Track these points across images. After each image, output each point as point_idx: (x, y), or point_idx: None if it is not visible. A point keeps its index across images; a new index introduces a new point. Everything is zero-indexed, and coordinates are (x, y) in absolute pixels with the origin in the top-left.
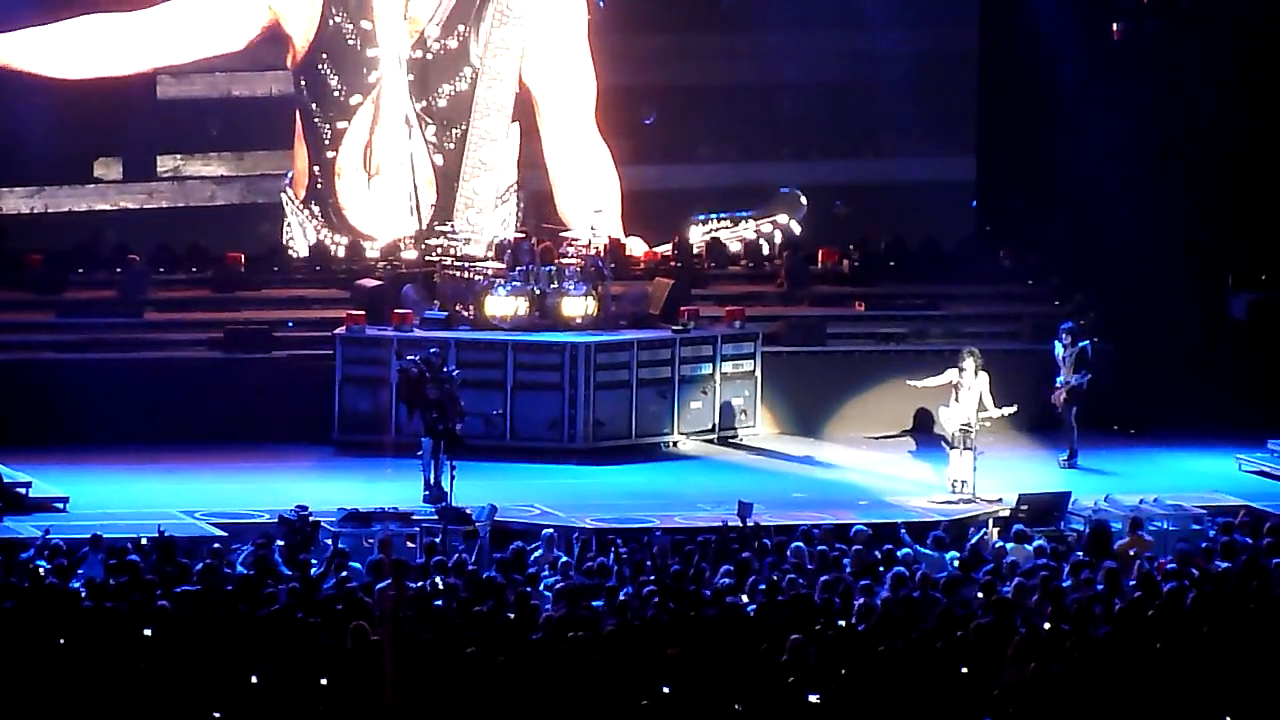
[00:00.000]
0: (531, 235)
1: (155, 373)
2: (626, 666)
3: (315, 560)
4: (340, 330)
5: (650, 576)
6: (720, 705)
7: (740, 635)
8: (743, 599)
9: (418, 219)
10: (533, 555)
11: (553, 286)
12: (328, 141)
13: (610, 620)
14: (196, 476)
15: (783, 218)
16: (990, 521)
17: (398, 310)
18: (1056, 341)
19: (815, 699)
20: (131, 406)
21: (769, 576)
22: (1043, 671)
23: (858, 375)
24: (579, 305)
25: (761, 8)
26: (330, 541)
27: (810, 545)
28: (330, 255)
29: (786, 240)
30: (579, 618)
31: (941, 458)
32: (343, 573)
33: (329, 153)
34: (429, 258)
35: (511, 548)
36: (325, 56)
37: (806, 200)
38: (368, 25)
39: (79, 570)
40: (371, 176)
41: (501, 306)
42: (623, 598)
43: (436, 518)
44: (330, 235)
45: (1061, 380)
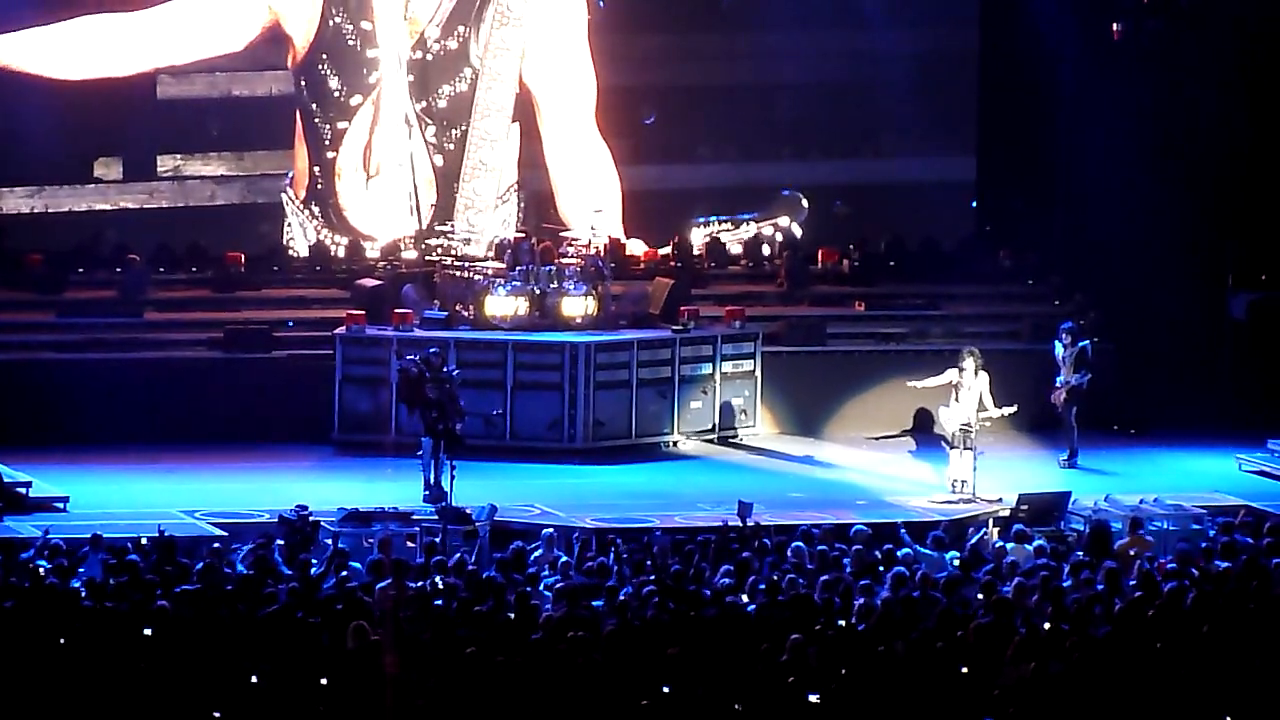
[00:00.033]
0: (531, 235)
1: (155, 373)
2: (626, 666)
3: (315, 560)
4: (340, 330)
5: (650, 576)
6: (720, 705)
7: (740, 635)
8: (743, 599)
9: (418, 219)
10: (533, 555)
11: (553, 286)
12: (328, 142)
13: (610, 620)
14: (196, 476)
15: (784, 220)
16: (990, 521)
17: (398, 310)
18: (1056, 341)
19: (815, 699)
20: (132, 406)
21: (769, 576)
22: (1043, 671)
23: (858, 375)
24: (579, 305)
25: (761, 8)
26: (330, 541)
27: (810, 545)
28: (330, 255)
29: (786, 240)
30: (579, 617)
31: (941, 458)
32: (343, 572)
33: (329, 153)
34: (429, 258)
35: (511, 547)
36: (325, 57)
37: (808, 203)
38: (368, 26)
39: (79, 570)
40: (371, 177)
41: (501, 306)
42: (623, 598)
43: (436, 517)
44: (330, 235)
45: (1061, 380)
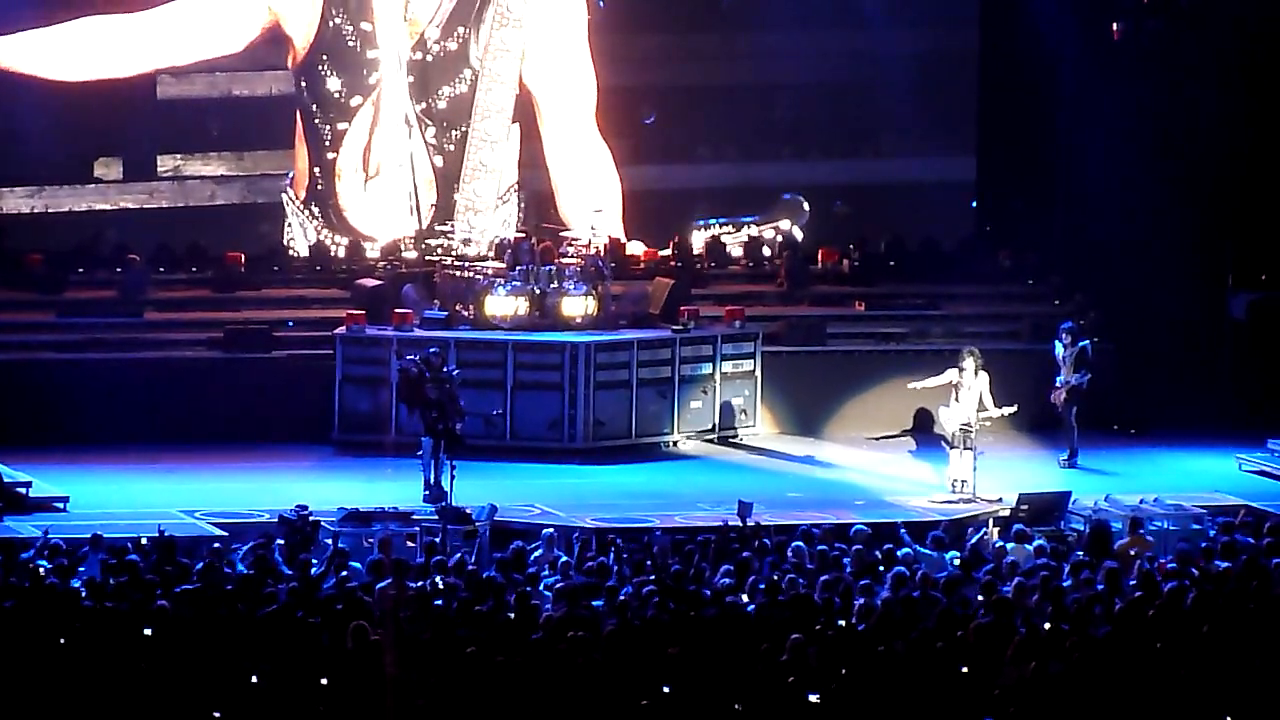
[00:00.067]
0: (532, 235)
1: (155, 372)
2: (626, 666)
3: (315, 560)
4: (340, 330)
5: (650, 576)
6: (720, 705)
7: (740, 635)
8: (743, 599)
9: (418, 219)
10: (533, 555)
11: (553, 286)
12: (328, 143)
13: (610, 620)
14: (196, 476)
15: (785, 223)
16: (990, 521)
17: (398, 310)
18: (1057, 341)
19: (815, 699)
20: (132, 406)
21: (769, 576)
22: (1043, 671)
23: (858, 375)
24: (579, 305)
25: (761, 8)
26: (330, 541)
27: (810, 545)
28: (330, 255)
29: (786, 240)
30: (579, 617)
31: (941, 457)
32: (343, 572)
33: (329, 154)
34: (429, 257)
35: (511, 547)
36: (325, 58)
37: (809, 206)
38: (368, 27)
39: (80, 568)
40: (371, 178)
41: (502, 306)
42: (623, 598)
43: (436, 517)
44: (331, 236)
45: (1061, 380)
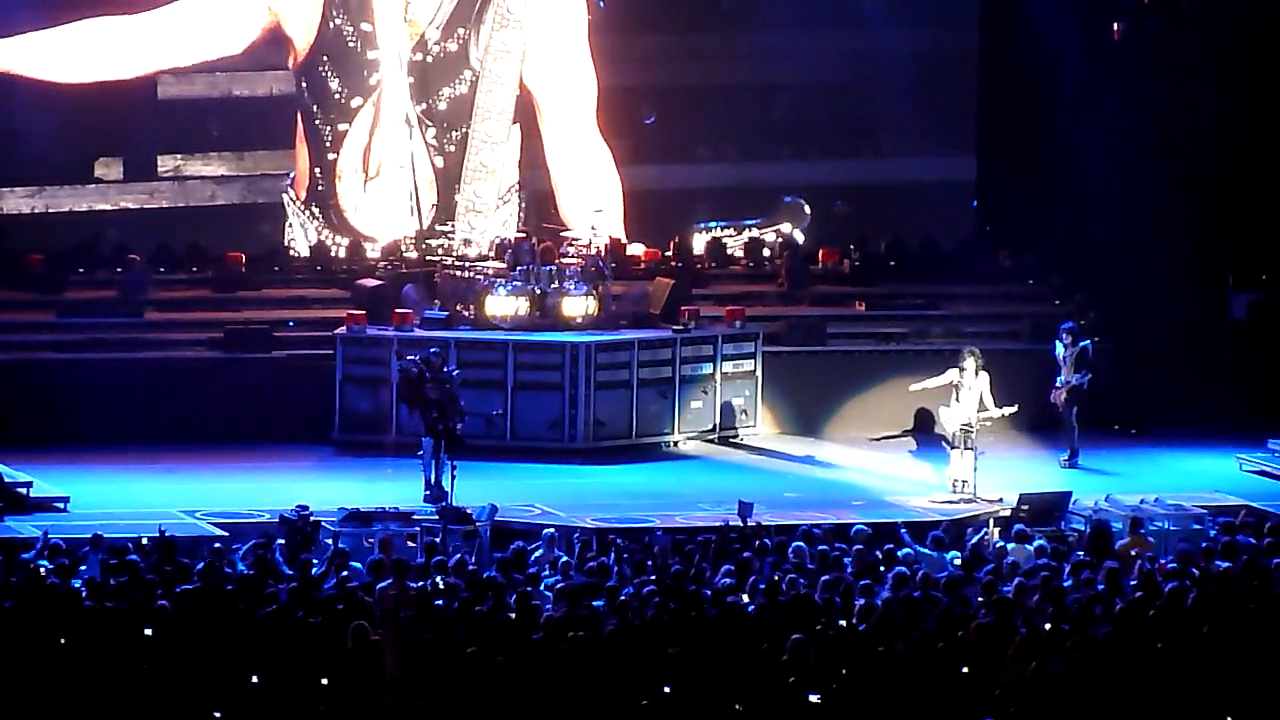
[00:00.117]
0: (532, 235)
1: (156, 373)
2: (627, 666)
3: (316, 560)
4: (341, 330)
5: (651, 576)
6: (721, 705)
7: (741, 635)
8: (743, 599)
9: (418, 219)
10: (533, 555)
11: (553, 286)
12: (329, 143)
13: (611, 620)
14: (197, 476)
15: (786, 226)
16: (991, 521)
17: (398, 310)
18: (1057, 341)
19: (816, 699)
20: (132, 406)
21: (769, 576)
22: (1043, 671)
23: (858, 375)
24: (579, 305)
25: (761, 8)
26: (331, 541)
27: (811, 545)
28: (331, 255)
29: (787, 240)
30: (580, 617)
31: (942, 457)
32: (343, 572)
33: (330, 155)
34: (430, 258)
35: (512, 547)
36: (326, 59)
37: (810, 209)
38: (368, 27)
39: (81, 567)
40: (371, 179)
41: (502, 306)
42: (623, 598)
43: (437, 517)
44: (331, 236)
45: (1062, 380)
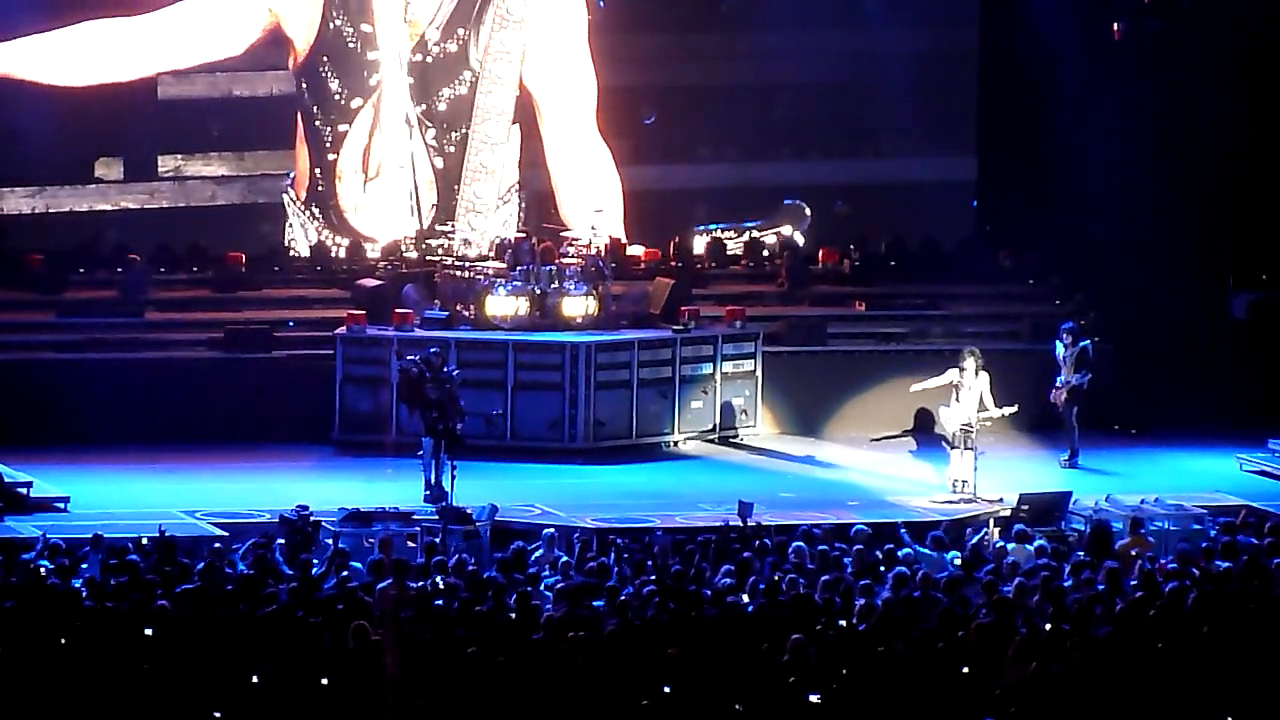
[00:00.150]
0: (532, 235)
1: (156, 373)
2: (627, 666)
3: (316, 560)
4: (341, 330)
5: (651, 576)
6: (721, 705)
7: (741, 635)
8: (743, 599)
9: (418, 219)
10: (533, 555)
11: (553, 286)
12: (329, 144)
13: (611, 620)
14: (197, 476)
15: (786, 229)
16: (991, 521)
17: (398, 310)
18: (1057, 341)
19: (816, 699)
20: (132, 406)
21: (770, 576)
22: (1044, 672)
23: (858, 375)
24: (580, 305)
25: (761, 8)
26: (331, 541)
27: (811, 545)
28: (331, 255)
29: (787, 241)
30: (580, 618)
31: (942, 457)
32: (343, 572)
33: (330, 155)
34: (430, 258)
35: (512, 547)
36: (326, 59)
37: (810, 212)
38: (368, 28)
39: (82, 566)
40: (370, 179)
41: (502, 306)
42: (623, 598)
43: (437, 517)
44: (331, 236)
45: (1062, 380)
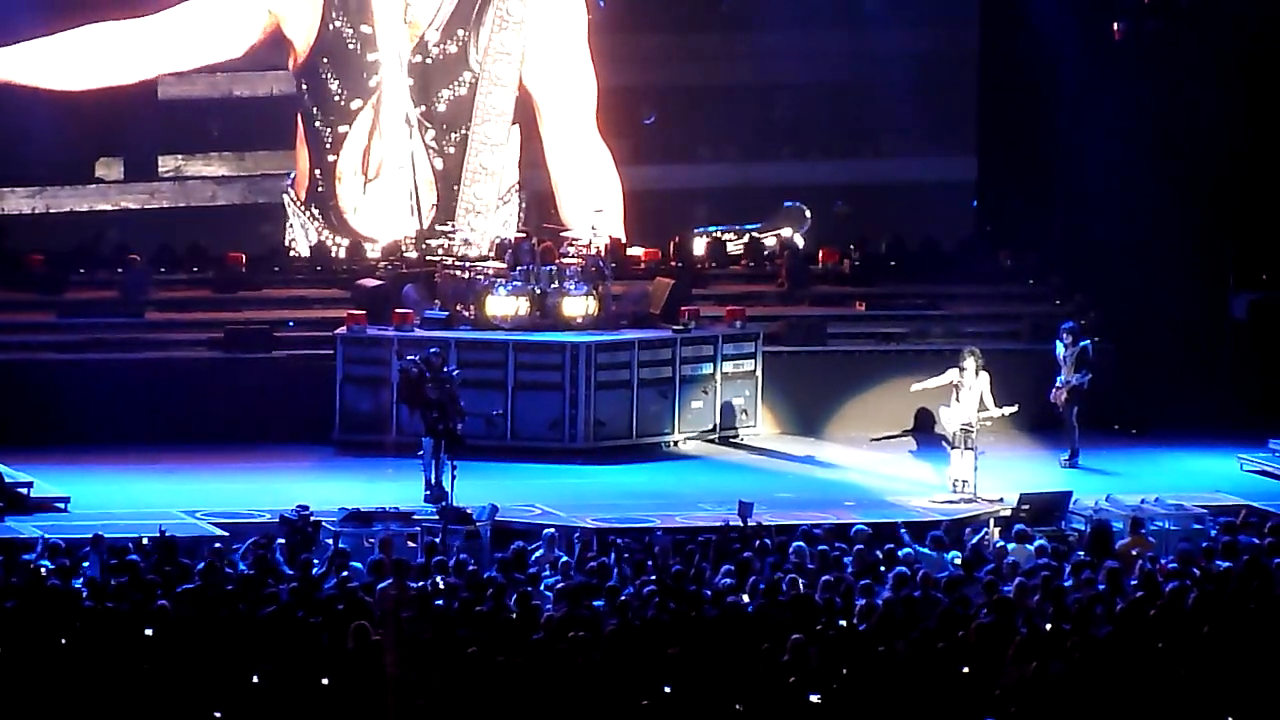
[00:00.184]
0: (532, 235)
1: (156, 373)
2: (627, 666)
3: (316, 560)
4: (341, 330)
5: (651, 576)
6: (721, 705)
7: (741, 635)
8: (744, 599)
9: (419, 219)
10: (534, 555)
11: (554, 286)
12: (329, 145)
13: (611, 620)
14: (197, 476)
15: (786, 231)
16: (991, 521)
17: (399, 310)
18: (1058, 341)
19: (816, 699)
20: (132, 406)
21: (770, 576)
22: (1044, 671)
23: (858, 375)
24: (580, 305)
25: (761, 8)
26: (331, 541)
27: (811, 545)
28: (331, 255)
29: (786, 241)
30: (580, 617)
31: (942, 457)
32: (344, 572)
33: (330, 156)
34: (430, 258)
35: (512, 547)
36: (326, 61)
37: (810, 214)
38: (368, 29)
39: (84, 565)
40: (370, 180)
41: (502, 306)
42: (624, 598)
43: (437, 518)
44: (332, 237)
45: (1062, 380)
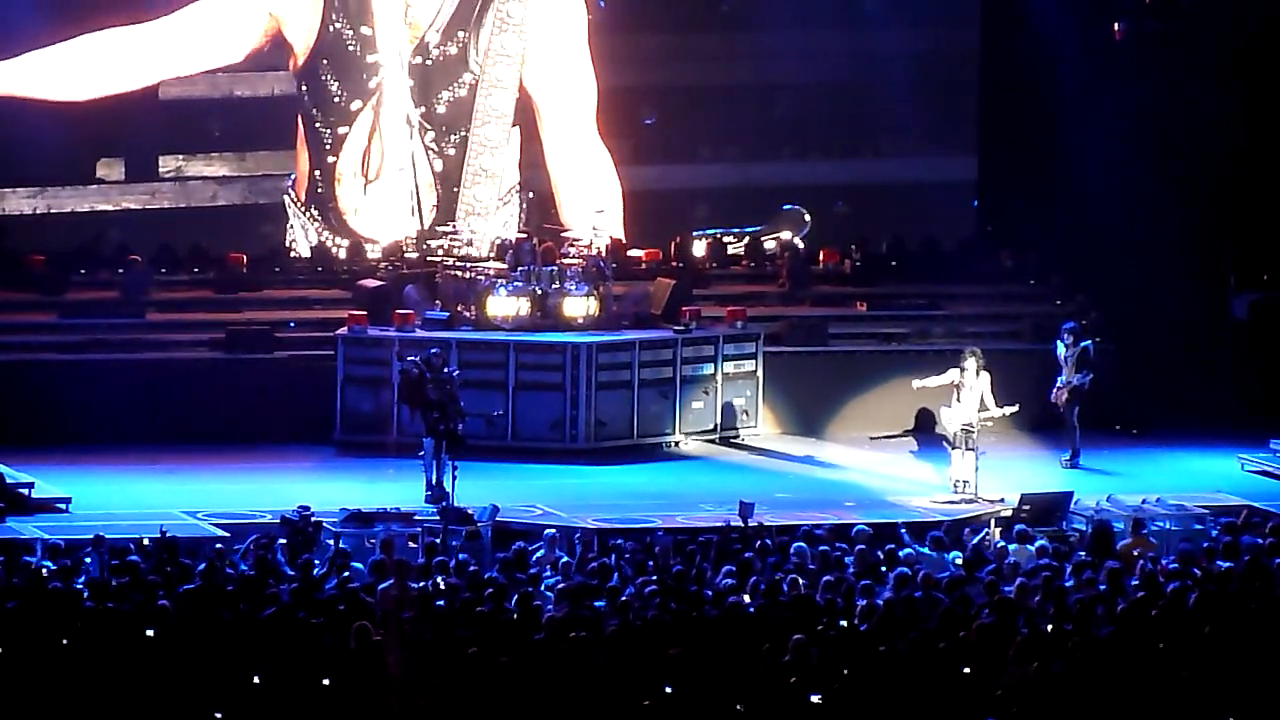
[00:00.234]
0: (533, 235)
1: (157, 373)
2: (628, 666)
3: (317, 560)
4: (342, 331)
5: (652, 577)
6: (722, 705)
7: (742, 635)
8: (745, 599)
9: (419, 220)
10: (535, 555)
11: (554, 287)
12: (329, 146)
13: (612, 620)
14: (198, 477)
15: (786, 234)
16: (992, 521)
17: (399, 310)
18: (1058, 341)
19: (817, 699)
20: (133, 407)
21: (771, 577)
22: (1045, 672)
23: (859, 375)
24: (581, 305)
25: (761, 8)
26: (332, 542)
27: (812, 545)
28: (332, 256)
29: (787, 242)
30: (581, 618)
31: (943, 458)
32: (345, 573)
33: (330, 158)
34: (430, 258)
35: (513, 548)
36: (326, 62)
37: (810, 217)
38: (368, 31)
39: (85, 562)
40: (370, 182)
41: (503, 307)
42: (625, 598)
43: (438, 518)
44: (332, 238)
45: (1063, 380)
